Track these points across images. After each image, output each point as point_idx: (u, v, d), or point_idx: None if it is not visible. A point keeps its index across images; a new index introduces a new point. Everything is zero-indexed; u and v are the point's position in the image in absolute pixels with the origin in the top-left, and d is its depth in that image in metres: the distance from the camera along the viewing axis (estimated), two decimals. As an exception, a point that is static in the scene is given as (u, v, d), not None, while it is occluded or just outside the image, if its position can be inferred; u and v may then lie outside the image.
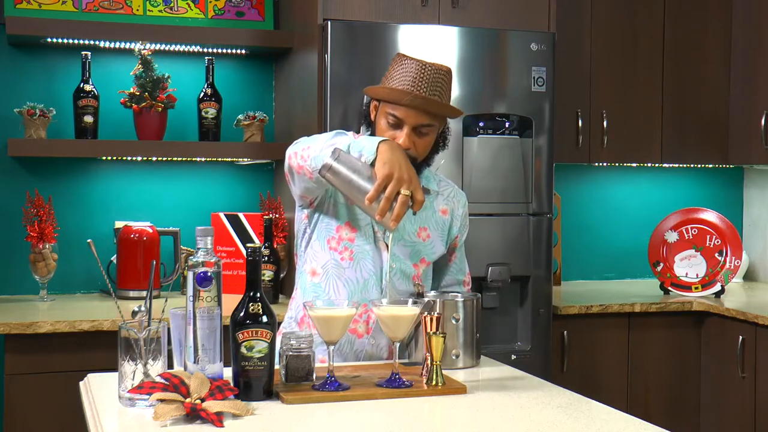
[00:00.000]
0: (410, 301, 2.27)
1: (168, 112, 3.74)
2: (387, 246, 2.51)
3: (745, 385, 3.68)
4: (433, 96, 2.42)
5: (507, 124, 3.54)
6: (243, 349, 2.04)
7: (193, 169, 3.93)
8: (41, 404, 3.15)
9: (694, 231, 4.18)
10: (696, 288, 4.08)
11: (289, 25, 3.82)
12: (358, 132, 2.58)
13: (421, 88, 2.41)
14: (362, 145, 2.29)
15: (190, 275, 2.06)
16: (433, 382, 2.19)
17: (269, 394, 2.07)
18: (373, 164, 2.26)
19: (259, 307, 2.06)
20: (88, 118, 3.64)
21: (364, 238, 2.52)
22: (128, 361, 2.01)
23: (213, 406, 1.90)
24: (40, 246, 3.55)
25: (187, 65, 3.89)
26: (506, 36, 3.54)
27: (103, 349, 3.08)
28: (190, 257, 2.08)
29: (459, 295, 2.50)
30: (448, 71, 2.48)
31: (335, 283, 2.52)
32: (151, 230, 3.70)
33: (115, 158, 3.75)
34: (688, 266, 4.16)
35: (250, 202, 3.92)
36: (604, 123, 4.11)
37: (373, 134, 2.52)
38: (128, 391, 1.99)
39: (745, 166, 4.62)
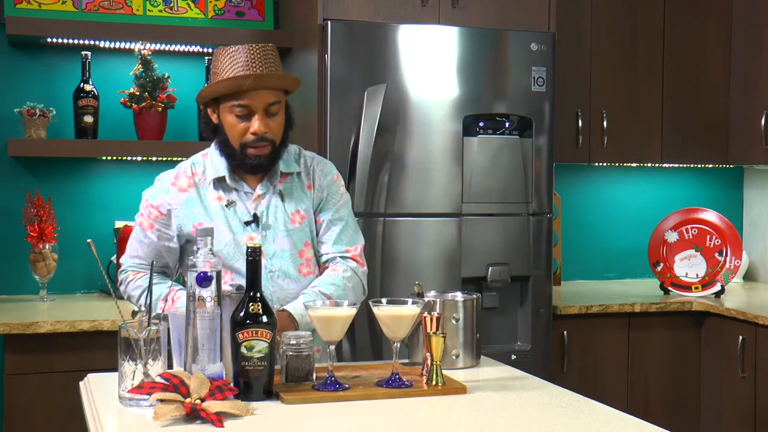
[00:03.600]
0: (410, 301, 2.27)
1: (168, 112, 3.74)
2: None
3: (745, 385, 3.68)
4: (269, 71, 2.41)
5: (507, 124, 3.54)
6: (243, 349, 2.04)
7: (193, 169, 3.92)
8: (41, 404, 3.15)
9: (694, 231, 4.18)
10: (696, 288, 4.08)
11: (289, 25, 3.82)
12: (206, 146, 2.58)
13: (256, 67, 2.39)
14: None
15: (190, 275, 2.06)
16: (433, 382, 2.19)
17: (269, 394, 2.07)
18: None
19: (259, 307, 2.06)
20: (88, 118, 3.64)
21: (231, 258, 2.47)
22: (128, 361, 2.01)
23: (213, 406, 1.90)
24: (40, 246, 3.55)
25: (187, 65, 3.89)
26: (506, 36, 3.54)
27: (103, 349, 3.08)
28: (190, 257, 2.08)
29: (459, 294, 2.50)
30: (273, 46, 2.46)
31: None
32: (151, 230, 3.69)
33: (115, 158, 3.75)
34: (688, 266, 4.16)
35: (250, 202, 3.92)
36: (604, 123, 4.11)
37: (222, 138, 2.47)
38: (128, 391, 1.99)
39: (745, 166, 4.62)
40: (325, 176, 2.61)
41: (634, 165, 4.38)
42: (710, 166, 4.51)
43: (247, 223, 2.50)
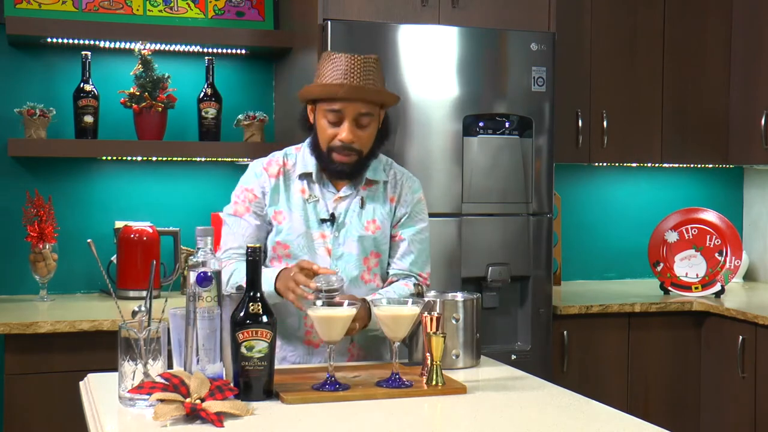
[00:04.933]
0: (410, 301, 2.27)
1: (168, 112, 3.74)
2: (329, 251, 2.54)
3: (745, 385, 3.68)
4: (366, 83, 2.45)
5: (507, 124, 3.54)
6: (243, 349, 2.04)
7: (193, 169, 3.93)
8: (41, 404, 3.15)
9: (694, 231, 4.18)
10: (696, 288, 4.08)
11: (289, 25, 3.82)
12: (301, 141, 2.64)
13: (353, 78, 2.44)
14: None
15: (190, 275, 2.06)
16: (433, 382, 2.19)
17: (269, 394, 2.07)
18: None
19: (259, 307, 2.06)
20: (88, 118, 3.64)
21: (299, 250, 2.52)
22: (128, 361, 2.01)
23: (213, 406, 1.90)
24: (40, 246, 3.55)
25: (187, 65, 3.89)
26: (506, 36, 3.54)
27: (103, 349, 3.08)
28: (190, 257, 2.08)
29: (459, 294, 2.50)
30: (377, 59, 2.51)
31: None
32: (151, 230, 3.70)
33: (115, 158, 3.75)
34: (688, 266, 4.16)
35: (250, 202, 3.92)
36: (604, 123, 4.11)
37: (314, 138, 2.54)
38: (128, 391, 1.99)
39: (745, 166, 4.62)
40: (413, 193, 2.65)
41: (634, 165, 4.38)
42: (710, 166, 4.51)
43: (323, 221, 2.55)
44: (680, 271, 4.15)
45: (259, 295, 2.07)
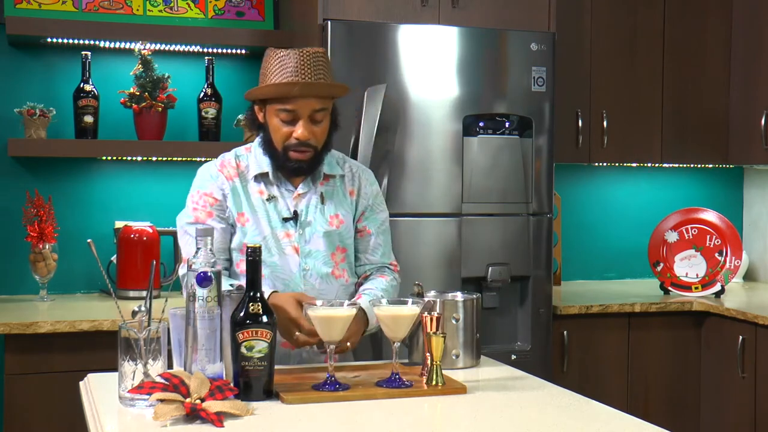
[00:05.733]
0: (410, 301, 2.27)
1: (168, 112, 3.74)
2: (296, 249, 2.52)
3: (745, 385, 3.68)
4: (318, 79, 2.43)
5: (507, 124, 3.54)
6: (243, 349, 2.04)
7: (193, 169, 3.88)
8: (41, 404, 3.15)
9: (694, 231, 4.18)
10: (696, 288, 4.07)
11: (289, 25, 3.82)
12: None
13: (305, 74, 2.41)
14: None
15: (190, 275, 2.06)
16: (433, 382, 2.19)
17: (269, 394, 2.07)
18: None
19: (259, 307, 2.06)
20: (88, 118, 3.64)
21: (268, 252, 2.49)
22: (128, 361, 2.01)
23: (213, 406, 1.90)
24: (40, 246, 3.55)
25: (187, 65, 3.89)
26: (506, 36, 3.54)
27: (103, 349, 3.07)
28: (190, 257, 2.08)
29: (459, 294, 2.50)
30: (324, 51, 2.48)
31: None
32: (151, 230, 3.70)
33: (115, 158, 3.75)
34: (688, 266, 4.16)
35: (250, 202, 3.92)
36: (604, 123, 4.11)
37: (266, 138, 2.51)
38: (128, 391, 1.99)
39: (745, 166, 4.62)
40: (370, 185, 2.66)
41: (634, 165, 4.38)
42: (710, 166, 4.51)
43: (286, 220, 2.53)
44: (680, 271, 4.15)
45: (259, 295, 2.07)
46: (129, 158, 3.74)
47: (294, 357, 2.52)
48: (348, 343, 2.33)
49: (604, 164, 4.32)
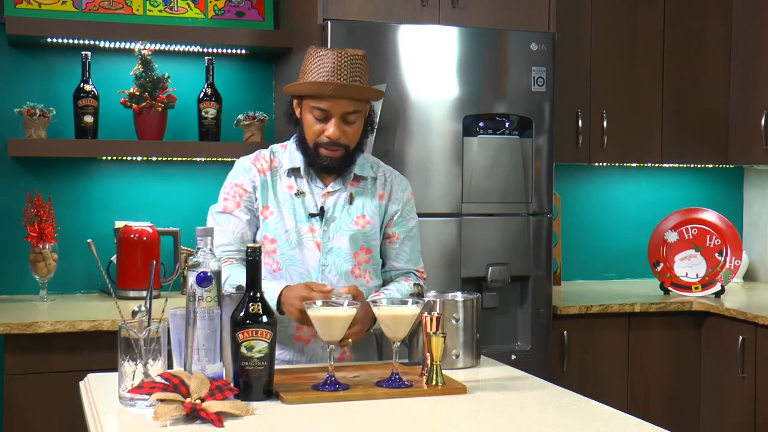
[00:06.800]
0: (410, 301, 2.27)
1: (168, 112, 3.74)
2: (318, 244, 2.53)
3: (745, 385, 3.68)
4: (353, 81, 2.46)
5: (507, 124, 3.54)
6: (243, 349, 2.04)
7: (193, 169, 3.93)
8: (41, 404, 3.15)
9: (694, 231, 4.18)
10: (696, 288, 4.07)
11: (289, 25, 3.82)
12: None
13: (341, 76, 2.45)
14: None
15: (190, 275, 2.06)
16: (433, 382, 2.19)
17: (269, 394, 2.07)
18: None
19: (259, 307, 2.06)
20: (88, 118, 3.64)
21: (288, 245, 2.53)
22: (128, 361, 2.01)
23: (213, 406, 1.90)
24: (40, 246, 3.55)
25: (187, 65, 3.89)
26: (506, 36, 3.54)
27: (103, 349, 3.07)
28: (190, 257, 2.08)
29: (459, 294, 2.50)
30: (364, 55, 2.52)
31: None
32: (151, 230, 3.70)
33: (115, 158, 3.75)
34: (688, 266, 4.16)
35: (250, 202, 3.92)
36: (604, 123, 4.11)
37: (301, 133, 2.55)
38: (128, 391, 1.99)
39: (745, 166, 4.62)
40: (402, 191, 2.68)
41: (634, 165, 4.38)
42: (710, 166, 4.51)
43: (312, 215, 2.55)
44: (680, 271, 4.15)
45: (259, 295, 2.07)
46: (129, 158, 3.74)
47: (308, 352, 2.53)
48: (356, 330, 2.33)
49: (604, 164, 4.32)
